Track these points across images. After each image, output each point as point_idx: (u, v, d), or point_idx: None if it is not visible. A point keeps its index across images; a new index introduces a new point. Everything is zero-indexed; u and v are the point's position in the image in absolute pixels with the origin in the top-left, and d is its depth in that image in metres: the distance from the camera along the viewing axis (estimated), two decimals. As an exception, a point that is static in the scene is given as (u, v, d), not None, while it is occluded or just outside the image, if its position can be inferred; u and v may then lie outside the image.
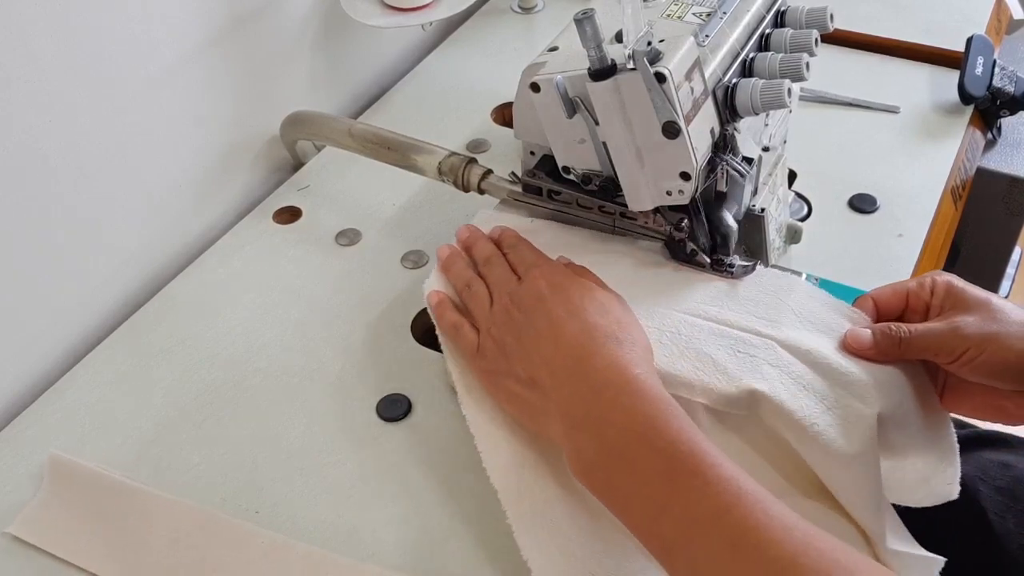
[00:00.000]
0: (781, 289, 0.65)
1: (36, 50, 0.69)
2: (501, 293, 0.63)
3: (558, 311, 0.59)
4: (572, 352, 0.57)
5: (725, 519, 0.48)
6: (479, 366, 0.62)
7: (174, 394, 0.74)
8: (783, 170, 0.76)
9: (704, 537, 0.48)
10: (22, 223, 0.72)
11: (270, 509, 0.65)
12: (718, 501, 0.48)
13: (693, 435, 0.51)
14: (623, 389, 0.54)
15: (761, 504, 0.48)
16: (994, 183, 0.97)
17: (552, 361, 0.57)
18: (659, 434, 0.51)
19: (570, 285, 0.61)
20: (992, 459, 0.69)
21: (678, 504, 0.49)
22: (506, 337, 0.60)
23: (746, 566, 0.46)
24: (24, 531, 0.64)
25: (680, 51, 0.58)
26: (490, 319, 0.62)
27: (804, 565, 0.45)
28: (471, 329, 0.63)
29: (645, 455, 0.51)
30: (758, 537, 0.47)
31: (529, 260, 0.65)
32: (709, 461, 0.50)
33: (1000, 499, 0.66)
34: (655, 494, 0.50)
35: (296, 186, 0.92)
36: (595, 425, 0.54)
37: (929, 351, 0.59)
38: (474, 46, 1.10)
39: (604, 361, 0.55)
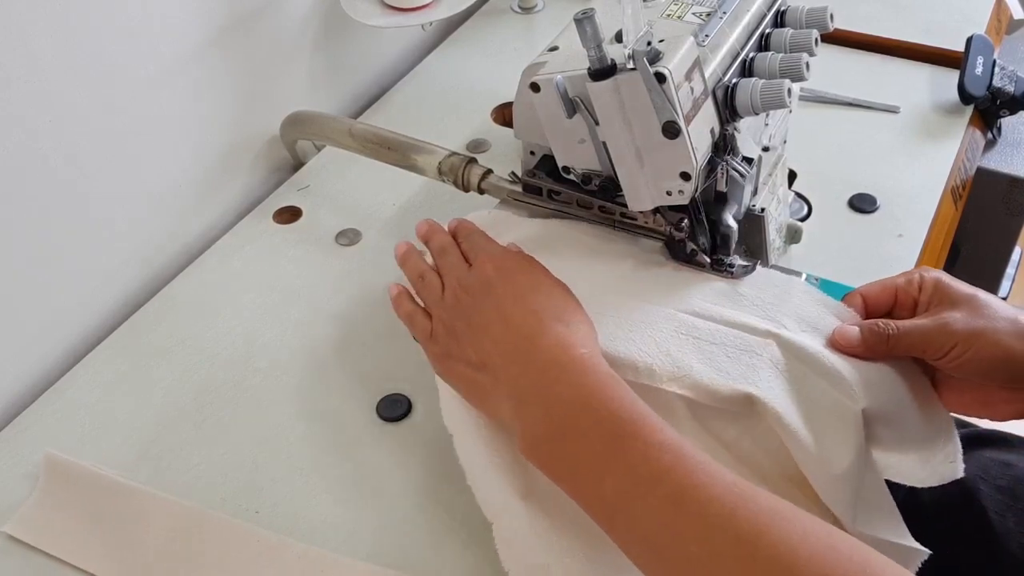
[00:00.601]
0: (781, 289, 0.65)
1: (36, 50, 0.69)
2: (451, 280, 0.64)
3: (506, 295, 0.60)
4: (520, 332, 0.58)
5: (666, 479, 0.49)
6: (432, 351, 0.64)
7: (174, 394, 0.74)
8: (783, 170, 0.76)
9: (645, 497, 0.49)
10: (22, 223, 0.72)
11: (270, 509, 0.65)
12: (659, 464, 0.50)
13: (635, 404, 0.53)
14: (568, 367, 0.55)
15: (702, 466, 0.49)
16: (994, 183, 0.97)
17: (501, 343, 0.58)
18: (602, 404, 0.53)
19: (517, 270, 0.62)
20: (993, 458, 0.69)
21: (620, 467, 0.51)
22: (456, 322, 0.62)
23: (687, 521, 0.48)
24: (20, 530, 0.65)
25: (680, 51, 0.58)
26: (441, 305, 0.64)
27: (743, 517, 0.47)
28: (425, 316, 0.65)
29: (589, 425, 0.53)
30: (698, 494, 0.48)
31: (478, 247, 0.66)
32: (650, 426, 0.51)
33: (1000, 498, 0.66)
34: (598, 460, 0.52)
35: (296, 186, 0.92)
36: (542, 401, 0.55)
37: (916, 347, 0.59)
38: (474, 46, 1.10)
39: (550, 341, 0.57)
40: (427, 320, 0.65)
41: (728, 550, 0.46)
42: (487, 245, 0.66)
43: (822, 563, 0.44)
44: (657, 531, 0.49)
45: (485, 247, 0.66)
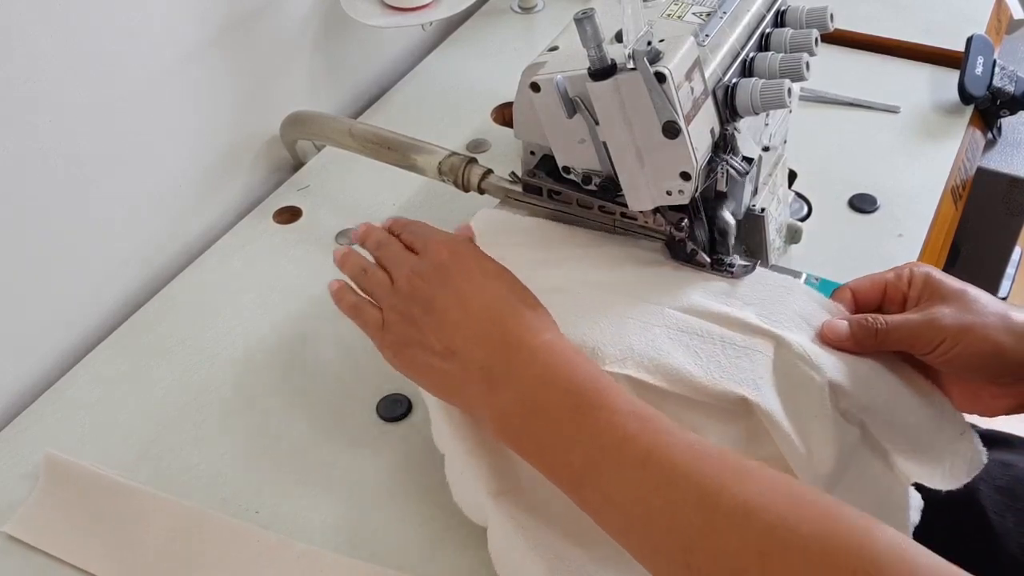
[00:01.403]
0: (781, 289, 0.65)
1: (36, 50, 0.69)
2: (402, 268, 0.63)
3: (464, 279, 0.60)
4: (485, 315, 0.58)
5: (632, 443, 0.50)
6: (386, 340, 0.62)
7: (174, 394, 0.74)
8: (783, 170, 0.76)
9: (612, 461, 0.51)
10: (22, 223, 0.72)
11: (270, 509, 0.65)
12: (625, 430, 0.51)
13: (600, 377, 0.54)
14: (538, 349, 0.56)
15: (667, 429, 0.51)
16: (994, 183, 0.97)
17: (465, 327, 0.58)
18: (569, 378, 0.54)
19: (469, 254, 0.62)
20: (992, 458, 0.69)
21: (586, 435, 0.52)
22: (412, 308, 0.60)
23: (651, 478, 0.49)
24: (19, 530, 0.65)
25: (680, 51, 0.58)
26: (393, 294, 0.62)
27: (707, 472, 0.48)
28: (373, 306, 0.64)
29: (556, 399, 0.54)
30: (663, 453, 0.49)
31: (425, 234, 0.65)
32: (615, 396, 0.53)
33: (1000, 498, 0.66)
34: (564, 431, 0.53)
35: (296, 186, 0.92)
36: (512, 381, 0.55)
37: (905, 342, 0.59)
38: (474, 46, 1.10)
39: (518, 323, 0.57)
40: (376, 310, 0.63)
41: (691, 500, 0.47)
42: (434, 232, 0.66)
43: (784, 510, 0.46)
44: (623, 491, 0.50)
45: (432, 234, 0.65)
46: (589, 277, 0.66)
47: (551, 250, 0.69)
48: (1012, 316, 0.58)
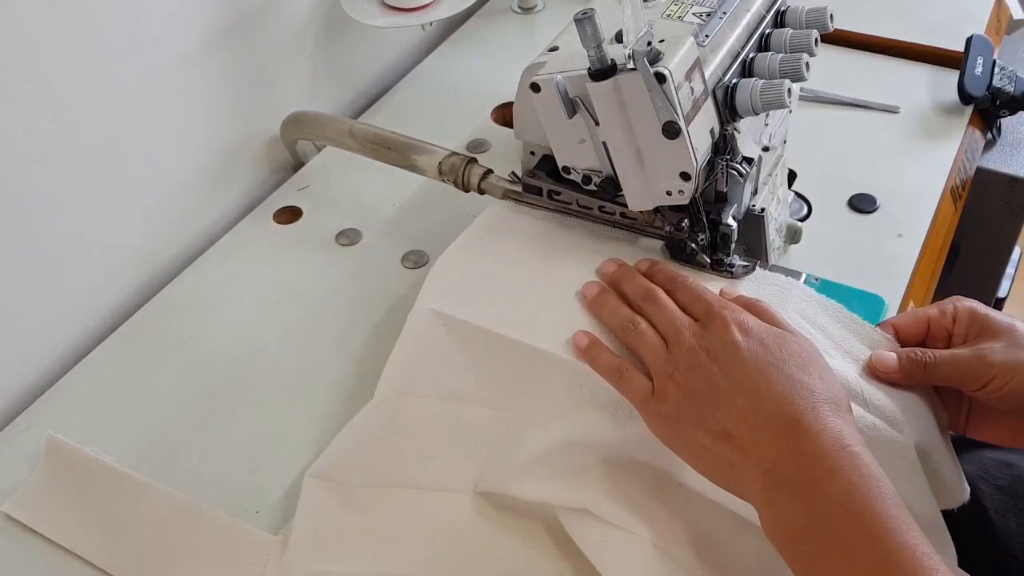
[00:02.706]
0: (781, 289, 0.65)
1: (37, 50, 0.69)
2: (682, 335, 0.58)
3: (756, 362, 0.54)
4: (778, 410, 0.52)
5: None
6: (657, 411, 0.57)
7: (174, 394, 0.74)
8: (783, 170, 0.76)
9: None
10: (22, 223, 0.72)
11: (270, 509, 0.65)
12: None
13: (910, 527, 0.48)
14: (839, 462, 0.50)
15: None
16: (994, 183, 0.97)
17: (753, 417, 0.53)
18: (875, 518, 0.48)
19: (764, 333, 0.57)
20: (993, 458, 0.69)
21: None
22: (695, 384, 0.55)
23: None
24: (17, 511, 0.65)
25: (680, 51, 0.58)
26: (670, 363, 0.57)
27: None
28: (639, 373, 0.59)
29: (858, 538, 0.48)
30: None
31: (707, 300, 0.60)
32: (927, 564, 0.47)
33: (1001, 498, 0.66)
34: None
35: (296, 186, 0.92)
36: (805, 492, 0.50)
37: (954, 377, 0.58)
38: (474, 46, 1.10)
39: (817, 426, 0.51)
40: (645, 378, 0.58)
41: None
42: (716, 299, 0.60)
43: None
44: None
45: (716, 301, 0.59)
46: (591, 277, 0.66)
47: (551, 251, 0.69)
48: None
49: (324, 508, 0.62)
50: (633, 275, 0.63)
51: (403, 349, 0.66)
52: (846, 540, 0.48)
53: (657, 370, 0.58)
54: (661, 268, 0.64)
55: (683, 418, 0.56)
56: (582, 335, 0.61)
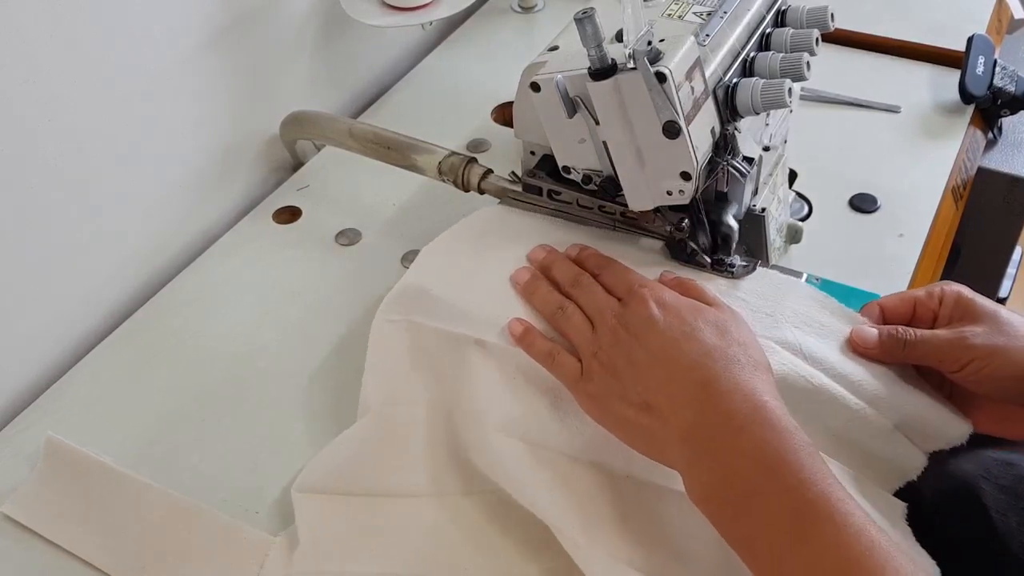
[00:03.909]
0: (781, 289, 0.65)
1: (36, 50, 0.68)
2: (605, 315, 0.60)
3: (672, 332, 0.57)
4: (692, 375, 0.54)
5: (855, 572, 0.46)
6: (585, 390, 0.59)
7: (174, 394, 0.73)
8: (784, 170, 0.76)
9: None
10: (22, 223, 0.72)
11: (270, 509, 0.65)
12: (849, 552, 0.46)
13: (824, 475, 0.49)
14: (751, 418, 0.51)
15: (894, 560, 0.46)
16: (995, 183, 0.97)
17: (669, 385, 0.55)
18: (789, 469, 0.49)
19: (680, 305, 0.59)
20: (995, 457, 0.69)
21: (805, 551, 0.47)
22: (617, 359, 0.58)
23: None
24: (16, 511, 0.65)
25: (681, 50, 0.58)
26: (594, 342, 0.59)
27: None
28: (570, 356, 0.61)
29: (773, 491, 0.49)
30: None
31: (629, 280, 0.62)
32: (842, 508, 0.48)
33: (1003, 497, 0.66)
34: (781, 537, 0.48)
35: (296, 186, 0.92)
36: (720, 451, 0.51)
37: (933, 358, 0.59)
38: (474, 46, 1.10)
39: (728, 386, 0.53)
40: (574, 360, 0.60)
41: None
42: (638, 278, 0.62)
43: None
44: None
45: (637, 280, 0.62)
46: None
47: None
48: None
49: (317, 517, 0.62)
50: (562, 261, 0.66)
51: (372, 361, 0.68)
52: (763, 494, 0.49)
53: (583, 351, 0.60)
54: (590, 253, 0.66)
55: (608, 394, 0.57)
56: (516, 323, 0.63)
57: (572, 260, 0.66)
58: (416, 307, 0.67)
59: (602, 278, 0.64)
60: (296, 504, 0.62)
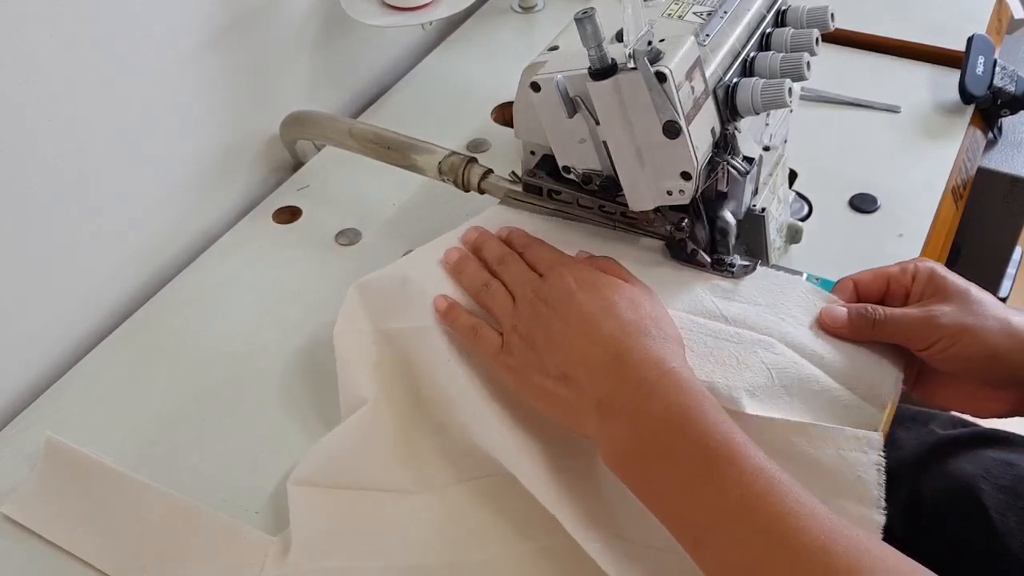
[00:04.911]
0: (781, 288, 0.65)
1: (36, 50, 0.68)
2: (525, 290, 0.62)
3: (589, 307, 0.58)
4: (608, 348, 0.56)
5: (758, 507, 0.48)
6: (506, 363, 0.61)
7: (174, 394, 0.73)
8: (784, 170, 0.76)
9: (735, 524, 0.48)
10: (22, 223, 0.72)
11: (270, 509, 0.65)
12: (750, 489, 0.48)
13: (728, 426, 0.51)
14: (658, 382, 0.54)
15: (793, 493, 0.48)
16: (995, 183, 0.97)
17: (587, 358, 0.57)
18: (694, 424, 0.52)
19: (598, 281, 0.60)
20: (995, 458, 0.69)
21: (710, 492, 0.50)
22: (535, 332, 0.59)
23: (776, 552, 0.47)
24: (16, 511, 0.65)
25: (681, 50, 0.58)
26: (515, 316, 0.61)
27: (833, 552, 0.46)
28: (491, 329, 0.62)
29: (680, 444, 0.51)
30: (788, 524, 0.47)
31: (551, 258, 0.64)
32: (743, 451, 0.50)
33: (1002, 497, 0.66)
34: (688, 483, 0.51)
35: (296, 186, 0.92)
36: (631, 415, 0.54)
37: (902, 336, 0.59)
38: (474, 46, 1.10)
39: (639, 356, 0.55)
40: (495, 333, 0.62)
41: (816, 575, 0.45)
42: (560, 257, 0.65)
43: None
44: (746, 561, 0.48)
45: (559, 259, 0.64)
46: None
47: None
48: (1012, 320, 0.57)
49: (313, 510, 0.62)
50: (491, 240, 0.68)
51: (342, 370, 0.69)
52: (668, 448, 0.52)
53: (505, 324, 0.62)
54: (514, 232, 0.69)
55: (528, 366, 0.59)
56: (441, 299, 0.65)
57: (501, 240, 0.68)
58: (382, 311, 0.69)
59: (526, 255, 0.66)
60: (290, 496, 0.62)
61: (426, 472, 0.65)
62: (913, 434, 0.77)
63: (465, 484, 0.65)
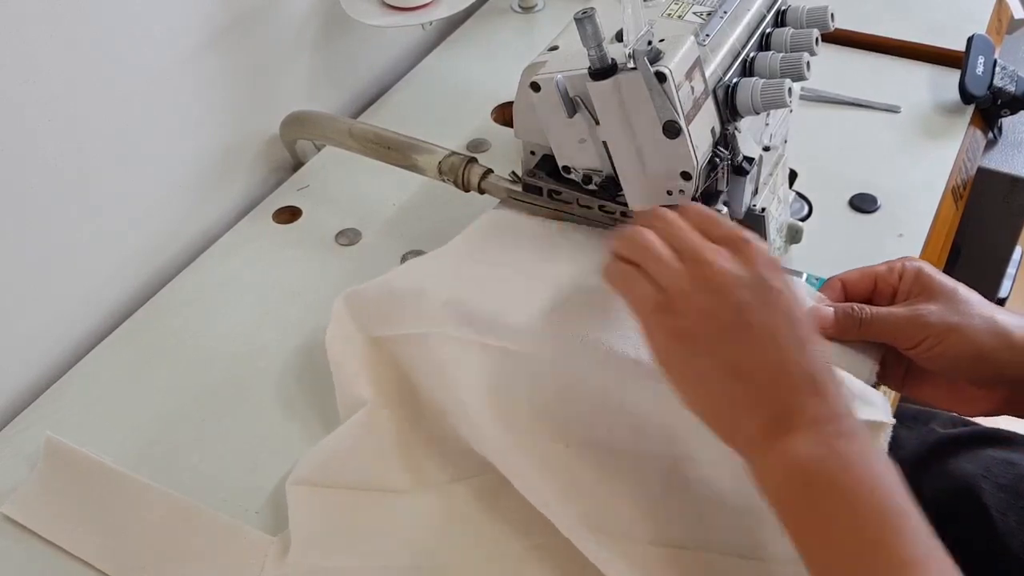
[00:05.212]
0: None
1: (36, 50, 0.68)
2: (712, 257, 0.52)
3: (792, 311, 0.52)
4: (803, 364, 0.51)
5: None
6: (666, 324, 0.52)
7: (174, 394, 0.73)
8: (784, 170, 0.76)
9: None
10: (23, 223, 0.72)
11: (270, 509, 0.65)
12: (910, 563, 0.46)
13: (905, 494, 0.48)
14: (849, 427, 0.50)
15: None
16: (995, 183, 0.97)
17: (776, 364, 0.51)
18: (879, 480, 0.48)
19: (790, 287, 0.53)
20: (996, 457, 0.69)
21: (867, 550, 0.47)
22: (723, 311, 0.51)
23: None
24: (16, 511, 0.66)
25: (681, 50, 0.58)
26: (691, 280, 0.52)
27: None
28: (648, 281, 0.53)
29: (860, 494, 0.48)
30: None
31: (742, 238, 0.54)
32: (915, 525, 0.47)
33: (1003, 496, 0.66)
34: (851, 534, 0.47)
35: (296, 186, 0.92)
36: (816, 443, 0.49)
37: (888, 335, 0.59)
38: (474, 46, 1.10)
39: (834, 390, 0.51)
40: (652, 288, 0.53)
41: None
42: (753, 240, 0.55)
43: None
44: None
45: (752, 242, 0.54)
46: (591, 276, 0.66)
47: (556, 248, 0.69)
48: (998, 319, 0.58)
49: (312, 510, 0.62)
50: (664, 213, 0.57)
51: (337, 374, 0.69)
52: (846, 492, 0.48)
53: (671, 283, 0.52)
54: (696, 208, 0.58)
55: (695, 339, 0.51)
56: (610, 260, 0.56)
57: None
58: (372, 320, 0.68)
59: (713, 232, 0.55)
60: (290, 496, 0.62)
61: (424, 472, 0.65)
62: (914, 433, 0.77)
63: (462, 483, 0.65)
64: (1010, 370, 0.57)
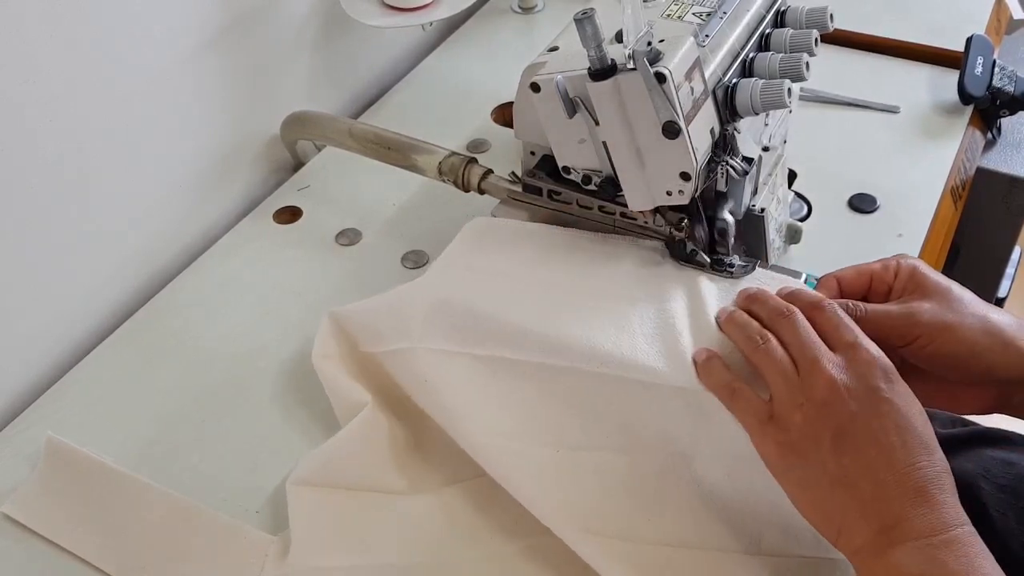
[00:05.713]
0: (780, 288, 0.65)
1: (36, 50, 0.69)
2: (821, 365, 0.53)
3: (895, 417, 0.52)
4: (909, 473, 0.51)
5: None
6: (776, 438, 0.54)
7: (174, 394, 0.74)
8: (783, 170, 0.76)
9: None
10: (23, 223, 0.72)
11: (270, 509, 0.65)
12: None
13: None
14: (958, 535, 0.50)
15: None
16: (994, 183, 0.97)
17: (883, 473, 0.51)
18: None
19: (901, 386, 0.53)
20: (995, 457, 0.69)
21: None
22: (827, 423, 0.52)
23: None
24: (17, 511, 0.66)
25: (680, 51, 0.58)
26: (801, 392, 0.53)
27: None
28: (753, 392, 0.56)
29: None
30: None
31: (855, 333, 0.55)
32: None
33: (1002, 496, 0.66)
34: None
35: (296, 186, 0.92)
36: (923, 559, 0.49)
37: (881, 332, 0.58)
38: (474, 46, 1.10)
39: (942, 498, 0.51)
40: (761, 402, 0.55)
41: None
42: (862, 338, 0.55)
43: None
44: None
45: (861, 341, 0.54)
46: (588, 278, 0.66)
47: (551, 251, 0.69)
48: (991, 318, 0.58)
49: (312, 510, 0.63)
50: (768, 296, 0.59)
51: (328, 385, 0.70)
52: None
53: (783, 395, 0.54)
54: (804, 293, 0.60)
55: (803, 453, 0.53)
56: (702, 350, 0.58)
57: (782, 298, 0.60)
58: (358, 337, 0.70)
59: (816, 319, 0.56)
60: (290, 496, 0.63)
61: (421, 474, 0.66)
62: (913, 434, 0.77)
63: (459, 485, 0.65)
64: (1002, 369, 0.57)
